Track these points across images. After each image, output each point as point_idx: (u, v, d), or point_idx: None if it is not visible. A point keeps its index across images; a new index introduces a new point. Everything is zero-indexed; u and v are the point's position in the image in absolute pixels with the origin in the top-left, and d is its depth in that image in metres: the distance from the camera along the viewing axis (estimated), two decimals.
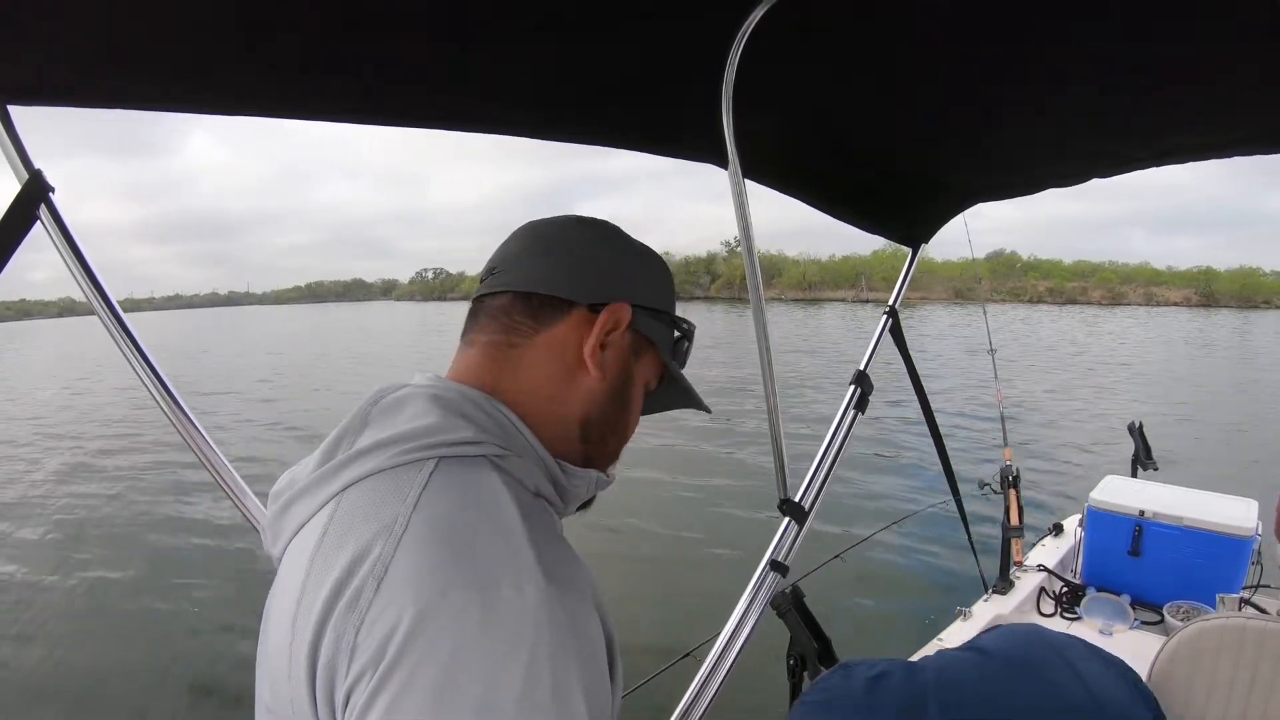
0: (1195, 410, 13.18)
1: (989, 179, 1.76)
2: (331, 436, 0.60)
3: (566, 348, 0.64)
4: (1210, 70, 1.10)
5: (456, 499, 0.51)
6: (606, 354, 0.65)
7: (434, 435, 0.55)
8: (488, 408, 0.59)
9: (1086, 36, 1.04)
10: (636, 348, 0.68)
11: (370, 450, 0.55)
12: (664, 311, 0.70)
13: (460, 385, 0.61)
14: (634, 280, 0.68)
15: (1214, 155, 1.45)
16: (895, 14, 1.02)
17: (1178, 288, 78.27)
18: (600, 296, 0.65)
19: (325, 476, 0.56)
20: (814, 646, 1.38)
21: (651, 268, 0.71)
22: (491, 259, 0.69)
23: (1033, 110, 1.32)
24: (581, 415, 0.65)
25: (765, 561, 1.56)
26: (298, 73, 0.94)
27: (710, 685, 1.45)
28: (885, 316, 1.94)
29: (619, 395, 0.67)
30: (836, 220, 1.79)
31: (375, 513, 0.51)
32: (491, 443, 0.57)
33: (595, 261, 0.67)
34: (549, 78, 1.08)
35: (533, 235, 0.69)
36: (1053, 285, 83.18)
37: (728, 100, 1.16)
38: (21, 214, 0.91)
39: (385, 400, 0.60)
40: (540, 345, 0.64)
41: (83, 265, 1.00)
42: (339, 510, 0.53)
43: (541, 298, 0.64)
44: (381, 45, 0.92)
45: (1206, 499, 2.95)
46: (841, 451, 1.74)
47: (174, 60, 0.86)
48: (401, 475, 0.52)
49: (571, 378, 0.64)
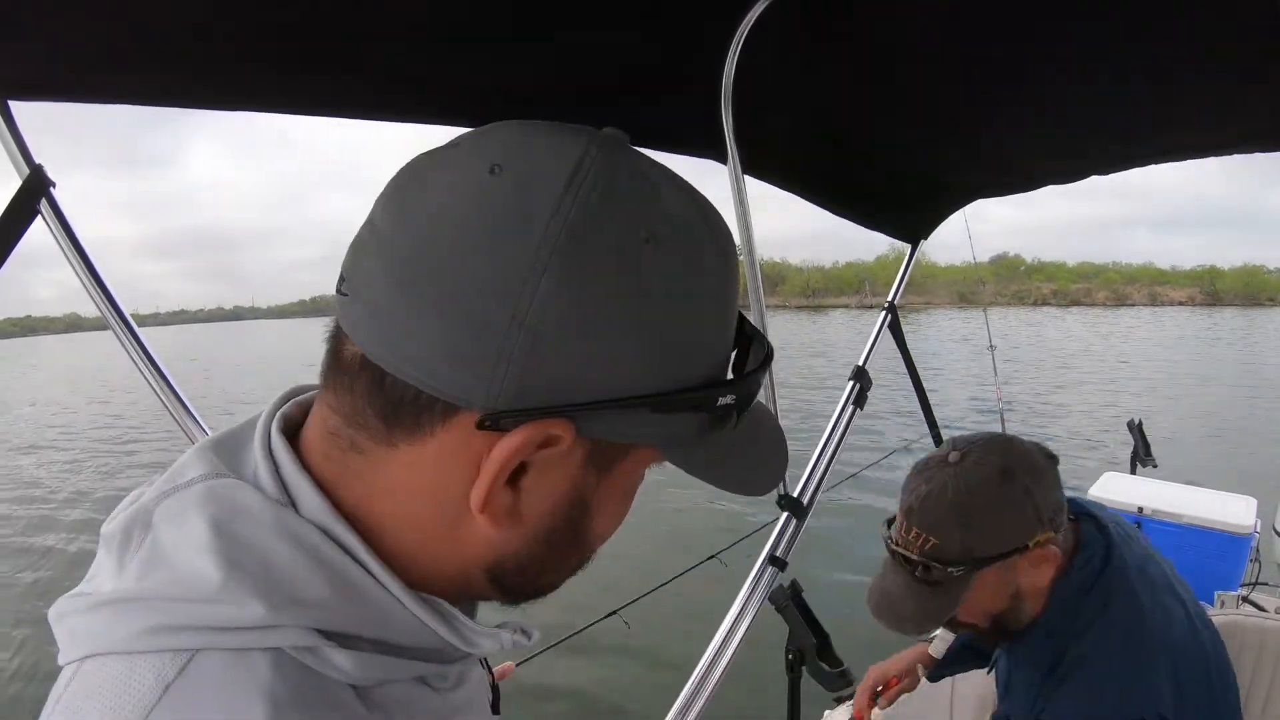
0: (1195, 407, 13.18)
1: (988, 176, 1.76)
2: (127, 514, 0.39)
3: (443, 479, 0.38)
4: (1208, 68, 1.10)
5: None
6: (527, 488, 0.38)
7: (199, 606, 0.35)
8: (319, 546, 0.37)
9: (1085, 34, 1.04)
10: (606, 457, 0.40)
11: (122, 602, 0.36)
12: (680, 392, 0.38)
13: (294, 481, 0.38)
14: (617, 355, 0.35)
15: (1212, 153, 1.45)
16: (894, 10, 1.02)
17: (1182, 287, 78.59)
18: (520, 397, 0.35)
19: (89, 609, 0.37)
20: (813, 641, 1.39)
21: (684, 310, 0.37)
22: (349, 248, 0.38)
23: (1032, 107, 1.33)
24: (485, 565, 0.41)
25: (764, 556, 1.56)
26: (297, 68, 0.94)
27: (709, 680, 1.46)
28: (884, 312, 1.95)
29: (558, 535, 0.41)
30: (836, 218, 1.80)
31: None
32: (296, 625, 0.35)
33: (538, 321, 0.33)
34: (548, 76, 1.08)
35: (411, 222, 0.35)
36: (1057, 287, 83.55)
37: (727, 96, 1.17)
38: (22, 208, 0.91)
39: (174, 499, 0.38)
40: (397, 465, 0.38)
41: (83, 259, 1.00)
42: (68, 691, 0.36)
43: (401, 384, 0.35)
44: (379, 43, 0.92)
45: (1205, 496, 2.95)
46: (840, 447, 1.74)
47: (173, 56, 0.86)
48: (134, 676, 0.34)
49: (457, 522, 0.39)
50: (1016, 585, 0.97)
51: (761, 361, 0.42)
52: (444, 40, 0.93)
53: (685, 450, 0.41)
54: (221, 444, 0.41)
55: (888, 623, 1.01)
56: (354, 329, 0.36)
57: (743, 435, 0.43)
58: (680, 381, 0.37)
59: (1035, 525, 0.94)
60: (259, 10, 0.80)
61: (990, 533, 0.93)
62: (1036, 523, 0.94)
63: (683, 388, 0.37)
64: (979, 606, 0.99)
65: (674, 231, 0.37)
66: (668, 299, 0.36)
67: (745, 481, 0.45)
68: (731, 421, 0.41)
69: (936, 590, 0.96)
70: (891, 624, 1.00)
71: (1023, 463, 0.96)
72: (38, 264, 24.57)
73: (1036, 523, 0.94)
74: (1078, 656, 0.93)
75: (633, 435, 0.39)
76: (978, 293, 18.67)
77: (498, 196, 0.34)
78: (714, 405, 0.39)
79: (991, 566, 0.94)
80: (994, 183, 1.80)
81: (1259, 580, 2.76)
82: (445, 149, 0.38)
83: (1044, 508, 0.94)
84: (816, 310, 72.47)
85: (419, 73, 1.01)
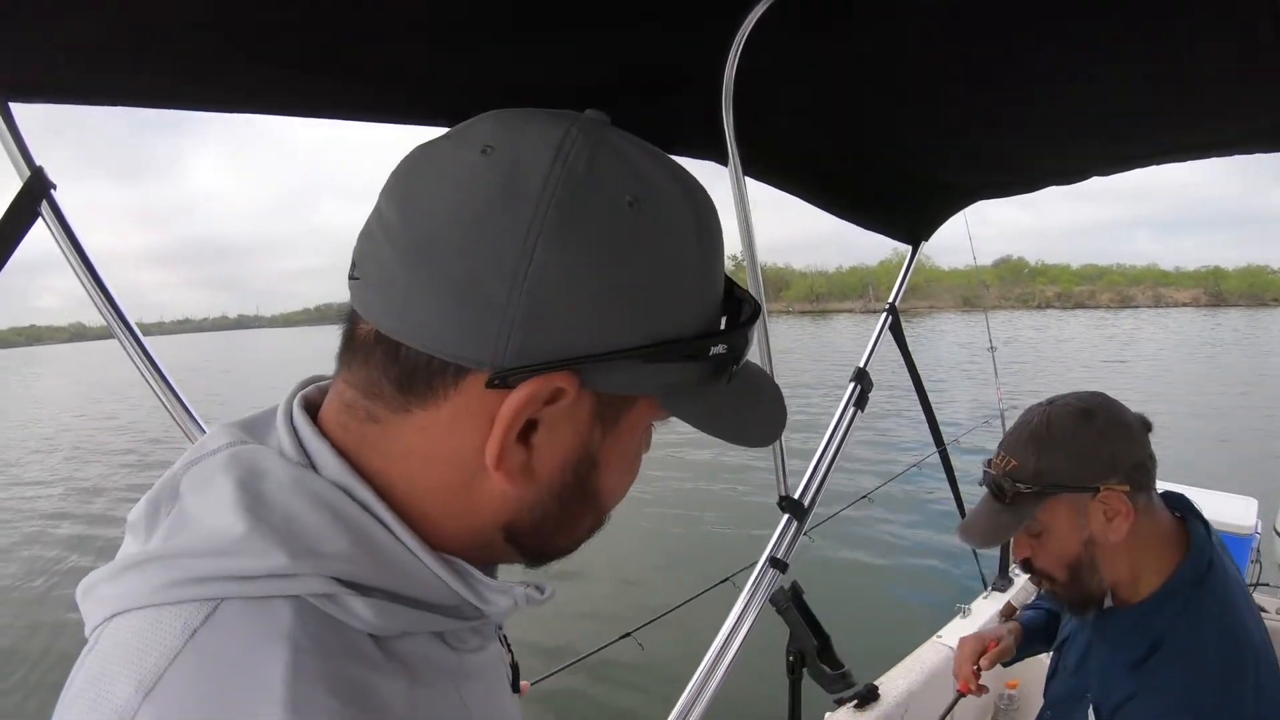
0: (1195, 408, 13.17)
1: (988, 177, 1.76)
2: (153, 491, 0.42)
3: (457, 440, 0.40)
4: (1209, 68, 1.10)
5: (206, 690, 0.33)
6: (537, 444, 0.40)
7: (222, 559, 0.36)
8: (338, 502, 0.39)
9: (1086, 35, 1.04)
10: (610, 410, 0.42)
11: (148, 562, 0.37)
12: (671, 342, 0.40)
13: (314, 448, 0.41)
14: (609, 310, 0.38)
15: (1214, 153, 1.45)
16: (895, 11, 1.02)
17: (1186, 288, 77.98)
18: (523, 355, 0.37)
19: (115, 575, 0.39)
20: (814, 643, 1.39)
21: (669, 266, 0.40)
22: (359, 237, 0.41)
23: (1032, 108, 1.33)
24: (501, 523, 0.43)
25: (764, 558, 1.56)
26: (299, 70, 0.94)
27: (710, 682, 1.46)
28: (885, 314, 1.95)
29: (569, 491, 0.43)
30: (839, 222, 1.80)
31: (108, 689, 0.34)
32: (316, 573, 0.37)
33: (534, 285, 0.36)
34: (548, 76, 1.08)
35: (413, 206, 0.38)
36: (1060, 290, 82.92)
37: (728, 98, 1.17)
38: (23, 210, 0.91)
39: (199, 466, 0.41)
40: (412, 430, 0.40)
41: (83, 260, 1.00)
42: (95, 649, 0.37)
43: (414, 354, 0.38)
44: (380, 44, 0.92)
45: (1205, 497, 2.95)
46: (841, 449, 1.74)
47: (174, 57, 0.86)
48: (161, 626, 0.35)
49: (472, 480, 0.41)
50: (1090, 532, 1.01)
51: (750, 315, 0.45)
52: (443, 40, 0.93)
53: (685, 401, 0.43)
54: (244, 423, 0.44)
55: (964, 537, 1.10)
56: (367, 309, 0.39)
57: (742, 390, 0.46)
58: (673, 332, 0.40)
59: (1108, 470, 0.99)
60: (258, 12, 0.80)
61: (1060, 462, 1.00)
62: (1109, 469, 0.99)
63: (674, 338, 0.40)
64: (1054, 548, 1.04)
65: (655, 196, 0.39)
66: (653, 257, 0.39)
67: (744, 432, 0.47)
68: (728, 374, 0.44)
69: (1008, 507, 1.04)
70: (965, 537, 1.09)
71: (1106, 411, 1.02)
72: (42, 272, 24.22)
73: (1109, 469, 0.99)
74: (1178, 647, 0.96)
75: (633, 386, 0.41)
76: (981, 296, 18.68)
77: (491, 174, 0.37)
78: (707, 354, 0.42)
79: (1061, 496, 1.00)
80: (994, 183, 1.80)
81: (1260, 581, 2.76)
82: (440, 139, 0.41)
83: (1120, 457, 0.99)
84: (820, 315, 72.46)
85: (418, 74, 1.01)
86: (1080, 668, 1.15)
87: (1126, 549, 1.01)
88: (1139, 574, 1.02)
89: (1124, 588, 1.04)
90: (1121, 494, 0.98)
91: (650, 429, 0.47)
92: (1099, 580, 1.04)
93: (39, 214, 0.93)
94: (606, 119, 0.41)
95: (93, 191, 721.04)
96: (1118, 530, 0.99)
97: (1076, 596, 1.08)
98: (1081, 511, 1.00)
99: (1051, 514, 1.01)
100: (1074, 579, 1.05)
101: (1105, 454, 0.99)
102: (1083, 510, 1.00)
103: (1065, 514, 1.01)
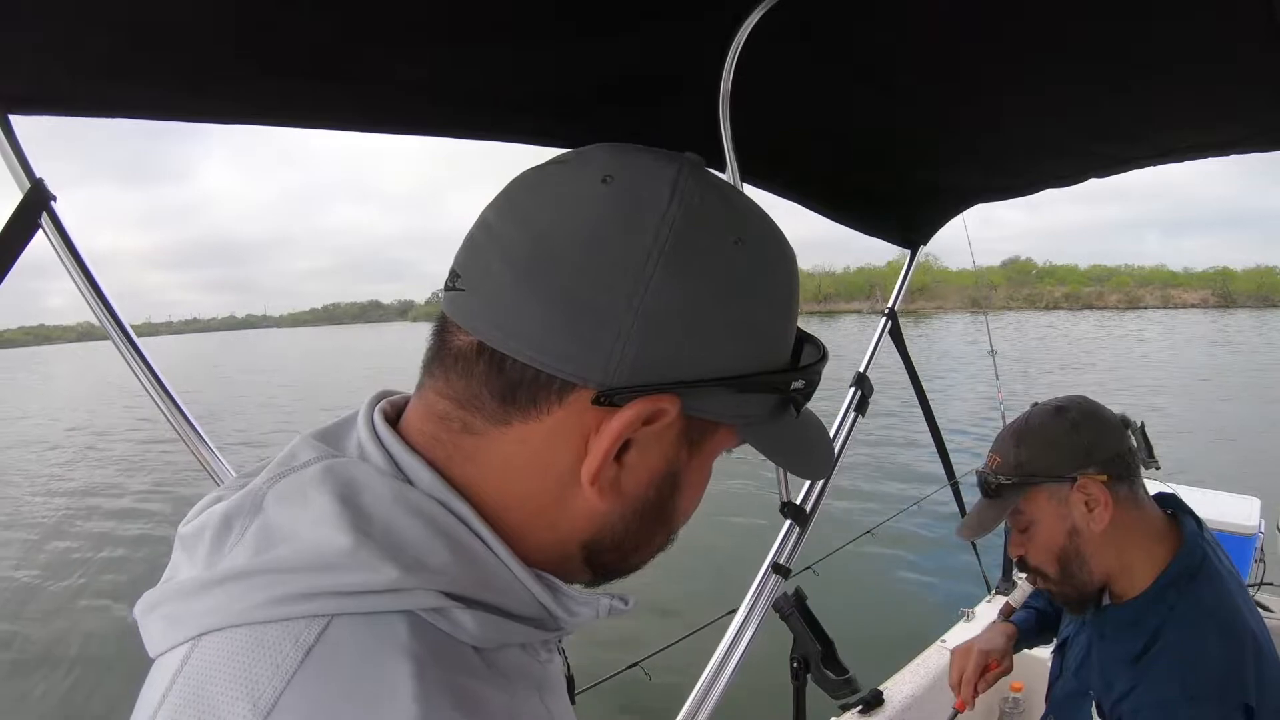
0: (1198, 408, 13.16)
1: (987, 180, 1.76)
2: (227, 506, 0.41)
3: (553, 454, 0.40)
4: (1207, 70, 1.10)
5: (330, 708, 0.33)
6: (630, 463, 0.42)
7: (330, 574, 0.36)
8: (437, 515, 0.39)
9: (1083, 37, 1.04)
10: (695, 434, 0.43)
11: (239, 578, 0.37)
12: (763, 374, 0.42)
13: (406, 461, 0.41)
14: (715, 339, 0.40)
15: (1212, 154, 1.45)
16: (892, 15, 1.02)
17: (1194, 289, 77.05)
18: (633, 375, 0.38)
19: (192, 591, 0.38)
20: (818, 649, 1.38)
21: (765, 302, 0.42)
22: (461, 248, 0.43)
23: (1030, 110, 1.33)
24: (583, 539, 0.44)
25: (767, 564, 1.56)
26: (295, 81, 0.94)
27: (715, 688, 1.45)
28: (884, 319, 1.95)
29: (650, 509, 0.44)
30: (837, 224, 1.79)
31: (216, 713, 0.34)
32: (426, 588, 0.37)
33: (650, 310, 0.38)
34: (545, 84, 1.08)
35: (531, 224, 0.39)
36: (1068, 290, 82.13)
37: (725, 103, 1.17)
38: (23, 223, 0.91)
39: (289, 480, 0.40)
40: (509, 442, 0.40)
41: (84, 272, 1.00)
42: (187, 668, 0.36)
43: (520, 367, 0.39)
44: (378, 53, 0.92)
45: (1209, 497, 2.94)
46: (842, 454, 1.74)
47: (172, 70, 0.86)
48: (269, 642, 0.35)
49: (562, 495, 0.42)
50: (1073, 521, 1.05)
51: (820, 356, 0.47)
52: (441, 48, 0.94)
53: (759, 432, 0.45)
54: (325, 434, 0.44)
55: (959, 533, 1.18)
56: (470, 319, 0.40)
57: (802, 425, 0.48)
58: (764, 365, 0.42)
59: (1083, 460, 1.04)
60: (257, 24, 0.80)
61: (1038, 454, 1.06)
62: (1085, 458, 1.04)
63: (767, 369, 0.42)
64: (1041, 540, 1.09)
65: (755, 234, 0.42)
66: (755, 290, 0.41)
67: (804, 464, 0.50)
68: (795, 409, 0.46)
69: (994, 500, 1.11)
70: (959, 532, 1.18)
71: (1081, 407, 1.09)
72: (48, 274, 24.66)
73: (1085, 458, 1.04)
74: (1175, 638, 0.98)
75: (722, 414, 0.43)
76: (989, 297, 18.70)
77: (613, 202, 0.39)
78: (787, 389, 0.44)
79: (1041, 486, 1.06)
80: (992, 186, 1.80)
81: (1264, 581, 2.74)
82: (552, 164, 0.43)
83: (1095, 448, 1.04)
84: (828, 316, 72.24)
85: (416, 83, 1.01)
86: (1081, 668, 1.16)
87: (1113, 541, 1.04)
88: (1131, 568, 1.05)
89: (1118, 584, 1.07)
90: (1099, 483, 1.02)
91: (710, 469, 0.48)
92: (1089, 573, 1.07)
93: (39, 226, 0.93)
94: (703, 160, 0.43)
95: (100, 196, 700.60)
96: (1099, 520, 1.03)
97: (1072, 593, 1.11)
98: (1063, 501, 1.05)
99: (1035, 505, 1.07)
100: (1065, 573, 1.09)
101: (1080, 444, 1.05)
102: (1064, 500, 1.05)
103: (1047, 504, 1.06)
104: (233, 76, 0.91)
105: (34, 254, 0.93)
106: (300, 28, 0.84)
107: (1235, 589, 1.02)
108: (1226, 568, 1.05)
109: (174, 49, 0.82)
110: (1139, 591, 1.04)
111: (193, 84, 0.90)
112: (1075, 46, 1.07)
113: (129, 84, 0.88)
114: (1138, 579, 1.04)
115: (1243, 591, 1.04)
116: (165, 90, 0.91)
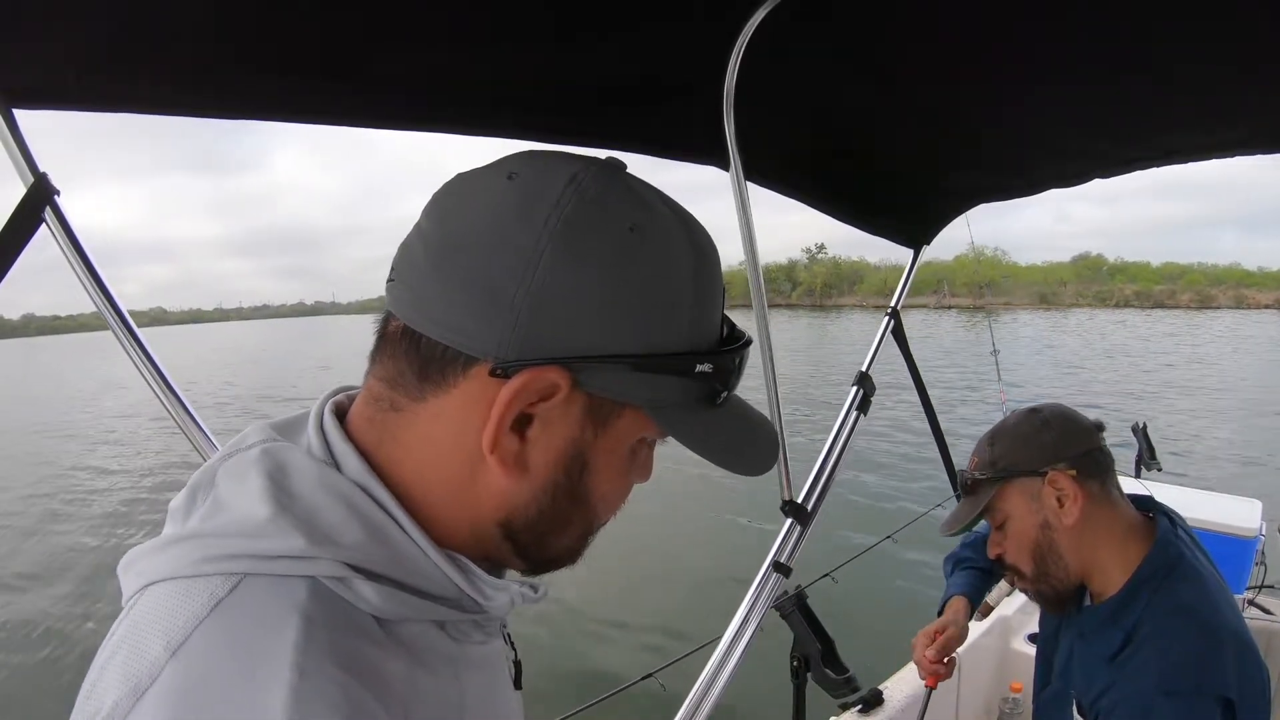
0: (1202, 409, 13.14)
1: (990, 179, 1.76)
2: (193, 480, 0.47)
3: (464, 430, 0.44)
4: (1211, 69, 1.10)
5: (226, 652, 0.37)
6: (532, 438, 0.44)
7: (248, 540, 0.41)
8: (356, 499, 0.43)
9: (1087, 36, 1.04)
10: (601, 414, 0.45)
11: (186, 539, 0.42)
12: (658, 355, 0.44)
13: (339, 449, 0.45)
14: (605, 318, 0.42)
15: (1215, 155, 1.45)
16: (896, 16, 1.02)
17: (1269, 290, 72.79)
18: (524, 349, 0.41)
19: (153, 550, 0.43)
20: (818, 648, 1.38)
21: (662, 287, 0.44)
22: (397, 252, 0.47)
23: (1034, 110, 1.33)
24: (498, 518, 0.47)
25: (768, 563, 1.56)
26: (297, 77, 0.94)
27: (714, 687, 1.45)
28: (887, 318, 1.94)
29: (561, 490, 0.47)
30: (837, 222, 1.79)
31: (140, 647, 0.39)
32: (330, 558, 0.41)
33: (539, 289, 0.41)
34: (549, 84, 1.08)
35: (446, 219, 0.44)
36: (1139, 289, 78.56)
37: (729, 102, 1.17)
38: (27, 217, 0.91)
39: (235, 459, 0.45)
40: (427, 417, 0.45)
41: (87, 267, 1.00)
42: (133, 611, 0.41)
43: (431, 344, 0.43)
44: (381, 50, 0.92)
45: (1210, 499, 2.94)
46: (844, 453, 1.74)
47: (177, 64, 0.86)
48: (191, 594, 0.40)
49: (474, 472, 0.45)
50: (1044, 515, 1.10)
51: (740, 343, 0.48)
52: (447, 46, 0.94)
53: (676, 420, 0.47)
54: (280, 424, 0.49)
55: (940, 529, 1.25)
56: (398, 306, 0.45)
57: (735, 421, 0.50)
58: (660, 347, 0.44)
59: (1052, 456, 1.09)
60: (263, 18, 0.80)
61: (1009, 451, 1.13)
62: (1054, 454, 1.09)
63: (663, 351, 0.44)
64: (1016, 534, 1.13)
65: (656, 227, 0.44)
66: (648, 278, 0.43)
67: (733, 459, 0.50)
68: (718, 397, 0.47)
69: (970, 497, 1.17)
70: (940, 528, 1.25)
71: (1051, 409, 1.15)
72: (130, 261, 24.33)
73: (1054, 454, 1.09)
74: (1151, 632, 0.99)
75: (623, 393, 0.45)
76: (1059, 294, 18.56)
77: (513, 195, 0.43)
78: (693, 371, 0.45)
79: (1014, 481, 1.11)
80: (995, 186, 1.80)
81: (1265, 583, 2.74)
82: (475, 169, 0.47)
83: (1064, 445, 1.10)
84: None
85: (421, 80, 1.01)
86: (1064, 671, 1.18)
87: (1086, 537, 1.08)
88: (1105, 566, 1.08)
89: (1095, 582, 1.09)
90: (1069, 477, 1.07)
91: (647, 452, 0.51)
92: (1064, 569, 1.11)
93: (43, 221, 0.93)
94: (624, 165, 0.47)
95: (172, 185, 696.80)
96: (1070, 514, 1.07)
97: (1049, 591, 1.14)
98: (1034, 496, 1.10)
99: (1008, 500, 1.12)
100: (1040, 569, 1.13)
101: (1049, 441, 1.10)
102: (1035, 495, 1.10)
103: (1019, 499, 1.11)
104: (235, 72, 0.91)
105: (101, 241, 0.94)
106: (303, 25, 0.84)
107: (1214, 587, 1.03)
108: (1205, 566, 1.06)
109: (177, 44, 0.83)
110: (1116, 590, 1.06)
111: (195, 79, 0.90)
112: (1078, 47, 1.07)
113: (132, 79, 0.88)
114: (1113, 577, 1.07)
115: (1222, 589, 1.05)
116: (168, 86, 0.91)
